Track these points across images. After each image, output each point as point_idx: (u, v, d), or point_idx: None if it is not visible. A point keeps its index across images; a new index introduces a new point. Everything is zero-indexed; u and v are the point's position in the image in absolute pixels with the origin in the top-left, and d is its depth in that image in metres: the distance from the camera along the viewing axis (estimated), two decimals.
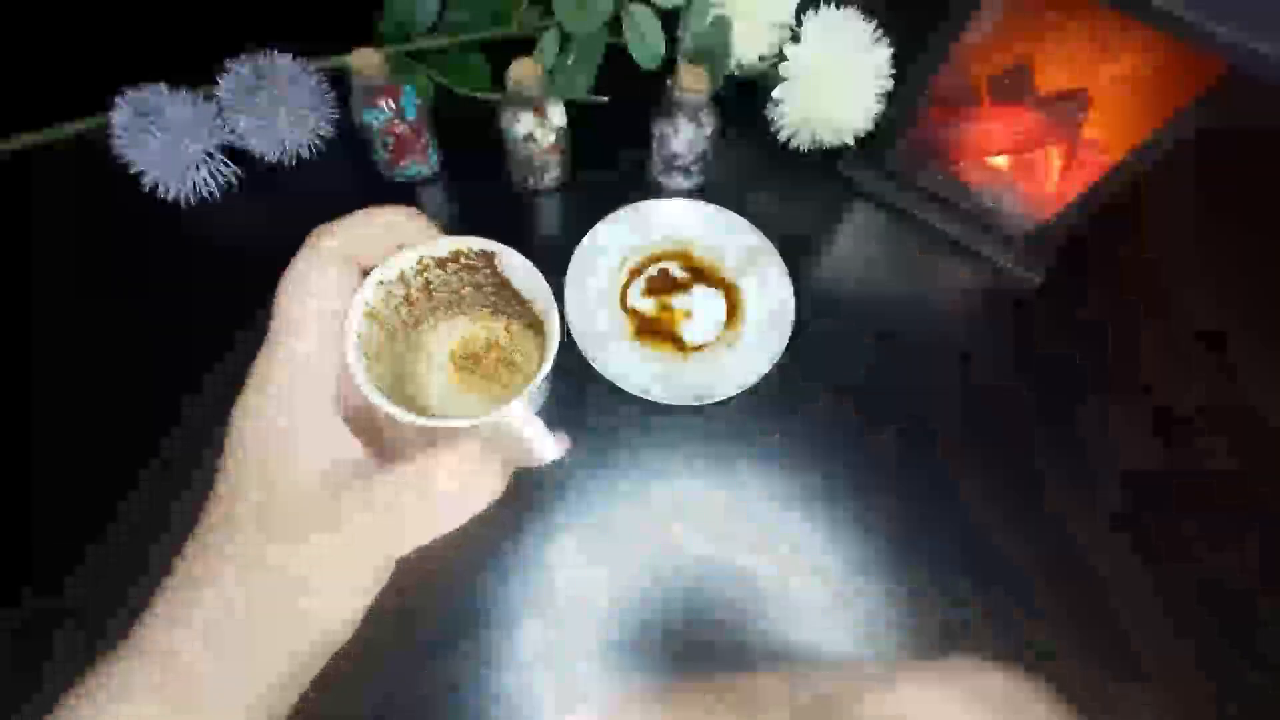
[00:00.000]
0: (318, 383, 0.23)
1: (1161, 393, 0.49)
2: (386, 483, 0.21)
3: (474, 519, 0.22)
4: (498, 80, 0.48)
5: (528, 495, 0.42)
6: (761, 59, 0.52)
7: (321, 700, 0.23)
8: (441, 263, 0.25)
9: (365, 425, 0.24)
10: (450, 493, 0.22)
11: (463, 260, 0.25)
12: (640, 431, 0.44)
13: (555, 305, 0.25)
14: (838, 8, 0.49)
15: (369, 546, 0.21)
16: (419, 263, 0.25)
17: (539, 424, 0.24)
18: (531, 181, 0.51)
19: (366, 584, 0.22)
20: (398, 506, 0.21)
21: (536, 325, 0.27)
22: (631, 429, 0.45)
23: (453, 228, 0.25)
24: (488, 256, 0.25)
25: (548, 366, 0.24)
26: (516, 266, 0.25)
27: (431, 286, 0.26)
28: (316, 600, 0.21)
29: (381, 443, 0.24)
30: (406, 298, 0.25)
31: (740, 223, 0.50)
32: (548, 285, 0.25)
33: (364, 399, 0.23)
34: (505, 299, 0.27)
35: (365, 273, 0.24)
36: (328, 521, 0.21)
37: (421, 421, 0.22)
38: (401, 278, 0.25)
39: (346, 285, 0.24)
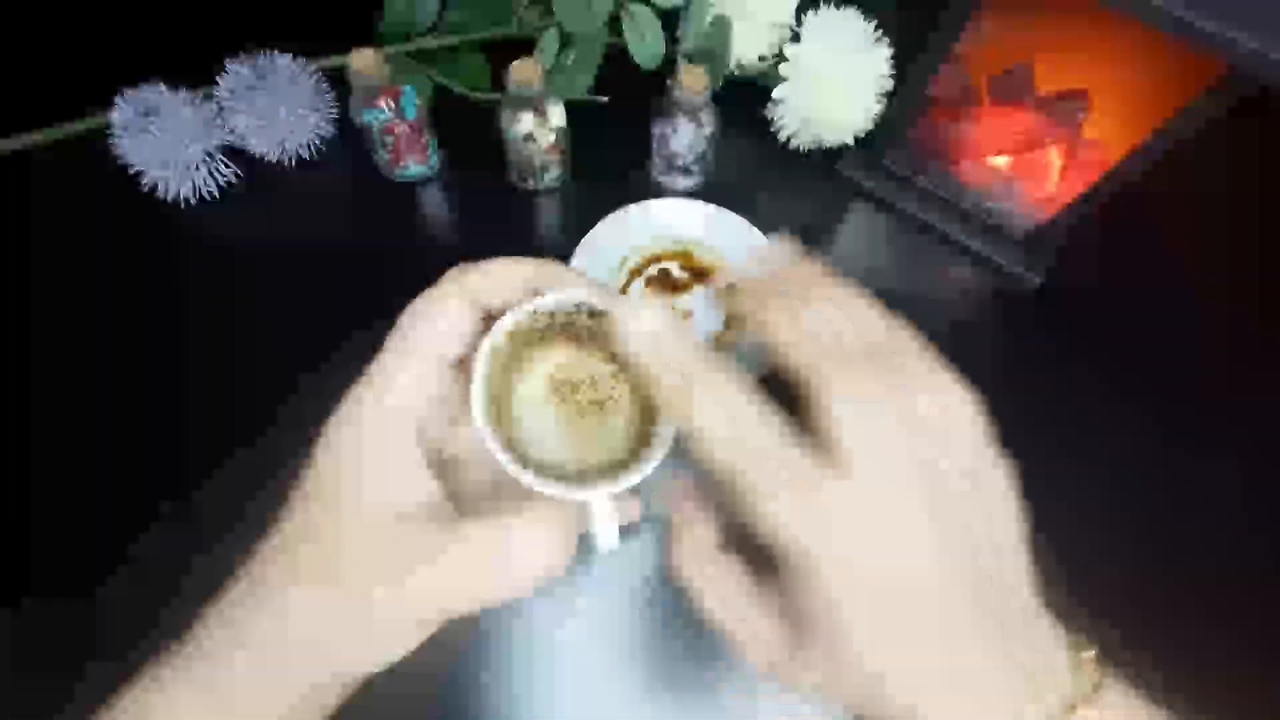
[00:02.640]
0: (408, 420, 0.23)
1: (1164, 392, 0.49)
2: (460, 543, 0.21)
3: None
4: (498, 80, 0.48)
5: None
6: (761, 59, 0.52)
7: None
8: (596, 314, 0.25)
9: (441, 467, 0.24)
10: (524, 563, 0.21)
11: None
12: None
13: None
14: (838, 8, 0.49)
15: (426, 605, 0.21)
16: (577, 306, 0.25)
17: (612, 520, 0.24)
18: (531, 181, 0.51)
19: (414, 635, 0.22)
20: (468, 569, 0.21)
21: (645, 403, 0.27)
22: None
23: (454, 228, 0.25)
24: None
25: (648, 469, 0.24)
26: None
27: (574, 326, 0.26)
28: (359, 644, 0.21)
29: (455, 485, 0.24)
30: (550, 325, 0.25)
31: (740, 223, 0.50)
32: None
33: (445, 436, 0.24)
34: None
35: (489, 318, 0.24)
36: (390, 573, 0.21)
37: (523, 477, 0.22)
38: (553, 313, 0.25)
39: (465, 329, 0.23)
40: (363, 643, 0.21)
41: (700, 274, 0.50)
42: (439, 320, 0.23)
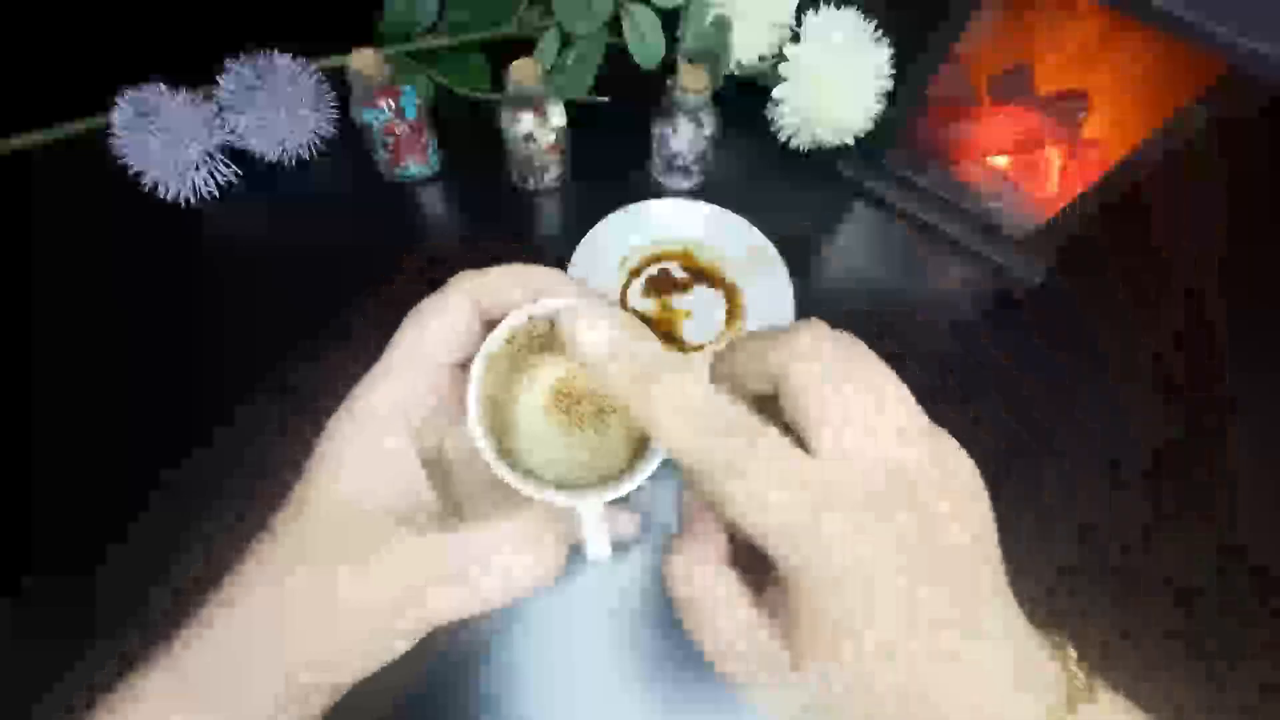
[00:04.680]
0: (400, 419, 0.23)
1: (1162, 393, 0.49)
2: (451, 549, 0.21)
3: None
4: (498, 80, 0.48)
5: None
6: (761, 59, 0.52)
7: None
8: None
9: (436, 468, 0.24)
10: (508, 571, 0.22)
11: None
12: None
13: None
14: (838, 8, 0.49)
15: (399, 601, 0.21)
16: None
17: (603, 529, 0.24)
18: (531, 181, 0.51)
19: (394, 641, 0.22)
20: (447, 569, 0.21)
21: None
22: None
23: (454, 228, 0.25)
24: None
25: (641, 479, 0.24)
26: None
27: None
28: (351, 646, 0.21)
29: (449, 487, 0.24)
30: (550, 333, 0.25)
31: (740, 223, 0.50)
32: None
33: (440, 442, 0.24)
34: None
35: (491, 325, 0.24)
36: (354, 555, 0.21)
37: (511, 480, 0.22)
38: (552, 321, 0.25)
39: (467, 336, 0.24)
40: (328, 632, 0.21)
41: (700, 274, 0.50)
42: (441, 323, 0.23)
